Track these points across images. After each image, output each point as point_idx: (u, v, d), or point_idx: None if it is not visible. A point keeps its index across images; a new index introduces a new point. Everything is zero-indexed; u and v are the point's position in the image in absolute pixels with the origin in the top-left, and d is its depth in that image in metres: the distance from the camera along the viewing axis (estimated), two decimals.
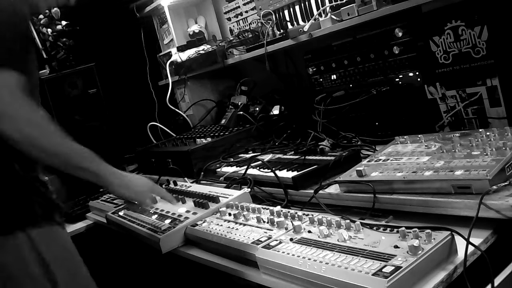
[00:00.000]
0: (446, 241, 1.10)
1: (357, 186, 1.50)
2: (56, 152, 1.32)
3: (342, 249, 1.16)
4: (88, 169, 1.40)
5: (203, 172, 2.30)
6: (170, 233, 1.67)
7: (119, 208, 2.15)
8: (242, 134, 2.56)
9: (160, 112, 3.44)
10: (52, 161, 1.32)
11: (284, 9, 2.55)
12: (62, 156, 1.34)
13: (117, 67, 3.50)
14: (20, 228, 1.31)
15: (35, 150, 1.28)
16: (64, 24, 3.06)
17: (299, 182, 1.71)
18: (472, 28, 1.66)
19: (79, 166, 1.38)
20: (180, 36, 3.37)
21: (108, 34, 3.49)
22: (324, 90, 2.32)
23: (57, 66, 3.05)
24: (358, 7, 1.96)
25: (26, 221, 1.33)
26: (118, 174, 1.52)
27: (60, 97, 3.02)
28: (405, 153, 1.59)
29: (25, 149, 1.27)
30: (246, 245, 1.38)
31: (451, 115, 1.84)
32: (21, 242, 1.30)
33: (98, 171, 1.43)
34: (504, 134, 1.48)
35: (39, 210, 1.36)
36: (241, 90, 2.90)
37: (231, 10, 2.98)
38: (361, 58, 2.11)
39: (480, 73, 1.69)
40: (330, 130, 2.14)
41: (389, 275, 0.99)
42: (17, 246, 1.30)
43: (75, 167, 1.37)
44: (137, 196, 1.59)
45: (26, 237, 1.30)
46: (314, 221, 1.37)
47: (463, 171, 1.28)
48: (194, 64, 3.04)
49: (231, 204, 1.73)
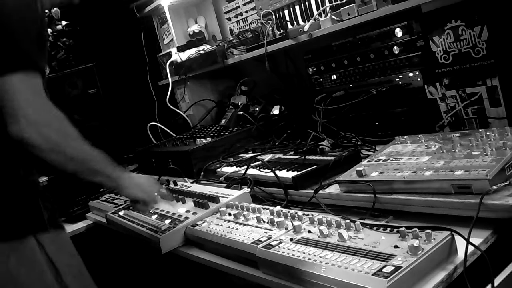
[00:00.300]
0: (446, 241, 1.10)
1: (357, 186, 1.50)
2: (75, 157, 1.31)
3: (342, 249, 1.16)
4: (102, 173, 1.40)
5: (203, 172, 2.30)
6: (170, 233, 1.67)
7: (119, 208, 2.15)
8: (242, 134, 2.56)
9: (160, 112, 3.44)
10: (69, 166, 1.31)
11: (284, 9, 2.55)
12: (80, 161, 1.33)
13: (117, 67, 3.50)
14: (31, 232, 1.29)
15: (55, 155, 1.26)
16: (64, 24, 3.06)
17: (299, 182, 1.71)
18: (472, 28, 1.66)
19: (94, 170, 1.38)
20: (180, 36, 3.37)
21: (108, 34, 3.50)
22: (324, 90, 2.32)
23: (57, 66, 3.05)
24: (358, 7, 1.96)
25: (36, 226, 1.31)
26: (127, 176, 1.53)
27: (60, 97, 3.02)
28: (405, 153, 1.59)
29: (45, 154, 1.25)
30: (246, 245, 1.38)
31: (451, 115, 1.84)
32: (33, 246, 1.28)
33: (111, 175, 1.43)
34: (504, 134, 1.48)
35: (46, 214, 1.34)
36: (241, 90, 2.90)
37: (231, 10, 2.98)
38: (361, 58, 2.12)
39: (480, 73, 1.69)
40: (330, 130, 2.14)
41: (389, 275, 0.99)
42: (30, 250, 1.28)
43: (91, 171, 1.37)
44: (148, 196, 1.61)
45: (37, 242, 1.29)
46: (314, 221, 1.37)
47: (463, 171, 1.28)
48: (194, 64, 3.05)
49: (231, 204, 1.73)
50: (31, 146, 1.21)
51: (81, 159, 1.33)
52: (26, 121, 1.20)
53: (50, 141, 1.24)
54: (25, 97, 1.21)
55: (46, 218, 1.33)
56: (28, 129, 1.20)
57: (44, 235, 1.31)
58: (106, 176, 1.42)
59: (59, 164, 1.29)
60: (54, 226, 1.35)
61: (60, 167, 1.30)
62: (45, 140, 1.23)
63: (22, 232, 1.28)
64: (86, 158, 1.35)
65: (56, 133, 1.27)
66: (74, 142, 1.32)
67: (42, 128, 1.23)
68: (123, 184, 1.49)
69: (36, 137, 1.21)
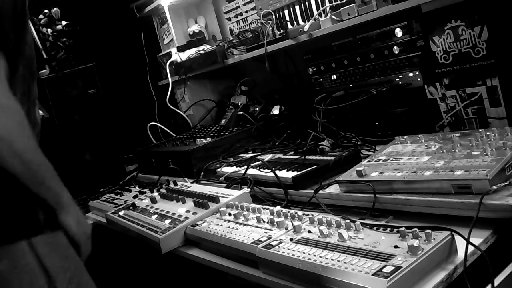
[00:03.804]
0: (446, 241, 1.10)
1: (357, 186, 1.50)
2: (22, 155, 1.12)
3: (342, 249, 1.16)
4: (50, 186, 1.21)
5: (203, 172, 2.30)
6: (170, 233, 1.67)
7: (119, 208, 2.15)
8: (242, 134, 2.56)
9: (160, 112, 3.44)
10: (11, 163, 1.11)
11: (284, 9, 2.55)
12: (26, 161, 1.13)
13: (117, 67, 3.50)
14: (24, 236, 1.19)
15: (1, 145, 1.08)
16: (64, 24, 3.06)
17: (299, 182, 1.71)
18: (472, 28, 1.67)
19: (40, 179, 1.18)
20: (180, 36, 3.37)
21: (108, 34, 3.50)
22: (324, 90, 2.33)
23: (57, 66, 3.06)
24: (358, 7, 1.96)
25: (29, 229, 1.22)
26: (75, 206, 1.30)
27: (60, 97, 3.03)
28: (405, 153, 1.59)
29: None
30: (246, 245, 1.38)
31: (451, 115, 1.84)
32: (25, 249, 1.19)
33: (59, 192, 1.23)
34: (504, 134, 1.48)
35: (42, 215, 1.29)
36: (241, 90, 2.90)
37: (231, 10, 2.99)
38: (361, 58, 2.12)
39: (480, 73, 1.69)
40: (330, 130, 2.14)
41: (389, 275, 0.99)
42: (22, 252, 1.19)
43: (36, 178, 1.17)
44: (84, 238, 1.34)
45: (29, 244, 1.19)
46: (314, 221, 1.37)
47: (463, 171, 1.28)
48: (194, 64, 3.05)
49: (231, 204, 1.73)
50: None
51: (28, 160, 1.13)
52: None
53: (2, 126, 1.07)
54: None
55: (42, 220, 1.28)
56: None
57: (37, 238, 1.20)
58: (51, 190, 1.21)
59: (1, 157, 1.09)
60: (52, 228, 1.30)
61: (2, 162, 1.10)
62: None
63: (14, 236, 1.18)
64: (34, 161, 1.15)
65: (10, 120, 1.09)
66: (28, 139, 1.14)
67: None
68: (65, 206, 1.25)
69: None
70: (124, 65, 3.52)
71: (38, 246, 1.21)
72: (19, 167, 1.12)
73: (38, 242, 1.21)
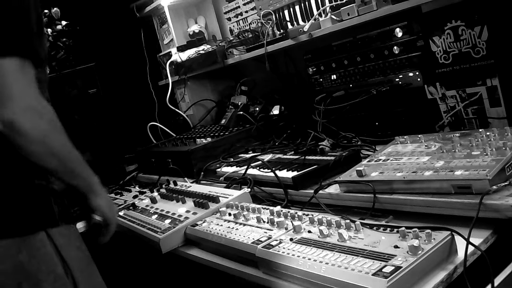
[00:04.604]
0: (446, 241, 1.10)
1: (357, 186, 1.50)
2: (58, 153, 1.24)
3: (342, 249, 1.16)
4: (80, 175, 1.32)
5: (203, 172, 2.30)
6: (170, 233, 1.67)
7: (119, 208, 2.15)
8: (242, 134, 2.56)
9: (160, 112, 3.44)
10: (49, 162, 1.23)
11: (284, 9, 2.55)
12: (62, 158, 1.25)
13: (117, 67, 3.50)
14: (42, 227, 1.26)
15: (39, 147, 1.19)
16: (64, 24, 3.06)
17: (299, 182, 1.71)
18: (472, 28, 1.66)
19: (73, 171, 1.30)
20: (180, 36, 3.37)
21: (108, 34, 3.49)
22: (324, 90, 2.33)
23: (57, 66, 3.05)
24: (358, 7, 1.96)
25: (47, 220, 1.28)
26: (105, 190, 1.43)
27: (60, 97, 3.02)
28: (405, 153, 1.59)
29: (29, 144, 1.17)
30: (246, 245, 1.38)
31: (451, 115, 1.84)
32: (44, 239, 1.25)
33: (88, 178, 1.35)
34: (504, 134, 1.48)
35: (57, 209, 1.33)
36: (241, 90, 2.90)
37: (231, 10, 2.98)
38: (361, 58, 2.12)
39: (480, 73, 1.69)
40: (330, 130, 2.14)
41: (389, 275, 0.99)
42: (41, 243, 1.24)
43: (70, 171, 1.29)
44: (115, 219, 1.48)
45: (47, 235, 1.26)
46: (314, 221, 1.37)
47: (463, 171, 1.28)
48: (194, 64, 3.05)
49: (231, 204, 1.73)
50: (18, 132, 1.14)
51: (63, 157, 1.25)
52: (18, 105, 1.14)
53: (39, 129, 1.17)
54: (19, 82, 1.16)
55: (57, 213, 1.32)
56: (19, 113, 1.14)
57: (54, 229, 1.28)
58: (83, 178, 1.33)
59: (39, 157, 1.20)
60: (66, 221, 1.35)
61: (40, 161, 1.21)
62: (34, 128, 1.16)
63: (33, 227, 1.26)
64: (68, 156, 1.27)
65: (46, 123, 1.20)
66: (61, 137, 1.25)
67: (33, 115, 1.17)
68: (97, 191, 1.38)
69: (25, 121, 1.14)
70: (124, 65, 3.52)
71: (55, 237, 1.27)
72: (56, 165, 1.24)
73: (55, 234, 1.28)
